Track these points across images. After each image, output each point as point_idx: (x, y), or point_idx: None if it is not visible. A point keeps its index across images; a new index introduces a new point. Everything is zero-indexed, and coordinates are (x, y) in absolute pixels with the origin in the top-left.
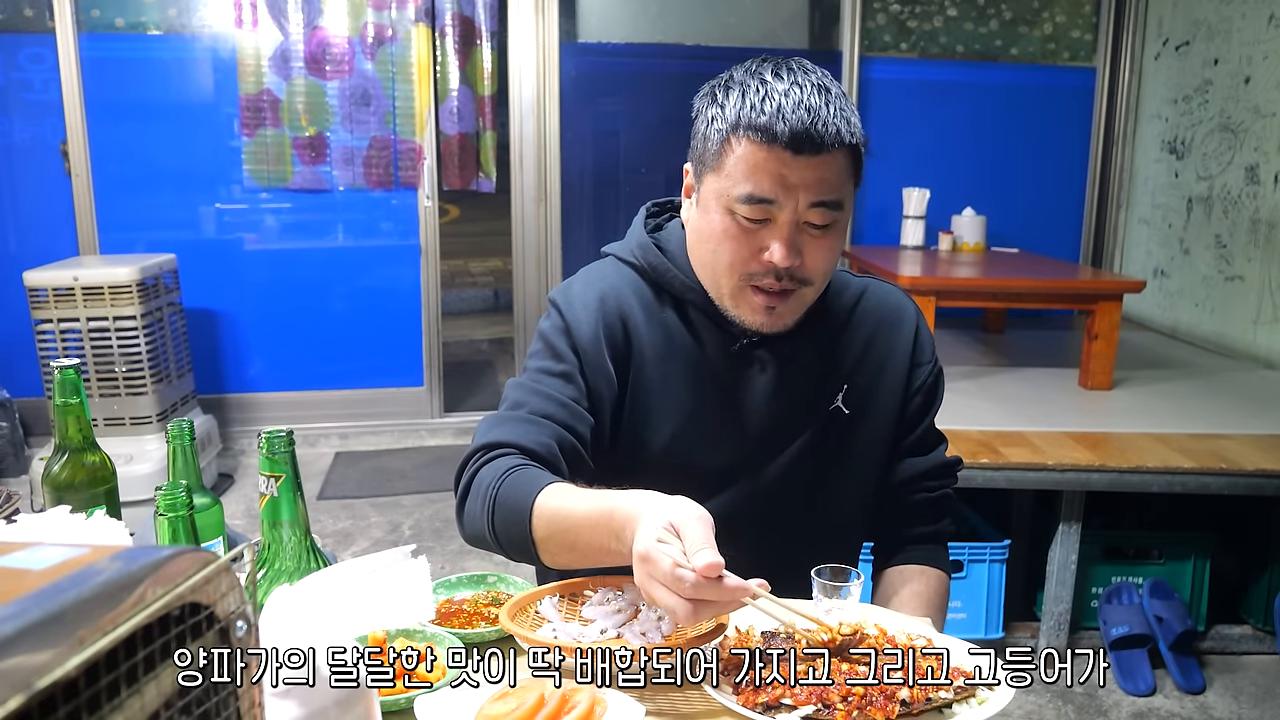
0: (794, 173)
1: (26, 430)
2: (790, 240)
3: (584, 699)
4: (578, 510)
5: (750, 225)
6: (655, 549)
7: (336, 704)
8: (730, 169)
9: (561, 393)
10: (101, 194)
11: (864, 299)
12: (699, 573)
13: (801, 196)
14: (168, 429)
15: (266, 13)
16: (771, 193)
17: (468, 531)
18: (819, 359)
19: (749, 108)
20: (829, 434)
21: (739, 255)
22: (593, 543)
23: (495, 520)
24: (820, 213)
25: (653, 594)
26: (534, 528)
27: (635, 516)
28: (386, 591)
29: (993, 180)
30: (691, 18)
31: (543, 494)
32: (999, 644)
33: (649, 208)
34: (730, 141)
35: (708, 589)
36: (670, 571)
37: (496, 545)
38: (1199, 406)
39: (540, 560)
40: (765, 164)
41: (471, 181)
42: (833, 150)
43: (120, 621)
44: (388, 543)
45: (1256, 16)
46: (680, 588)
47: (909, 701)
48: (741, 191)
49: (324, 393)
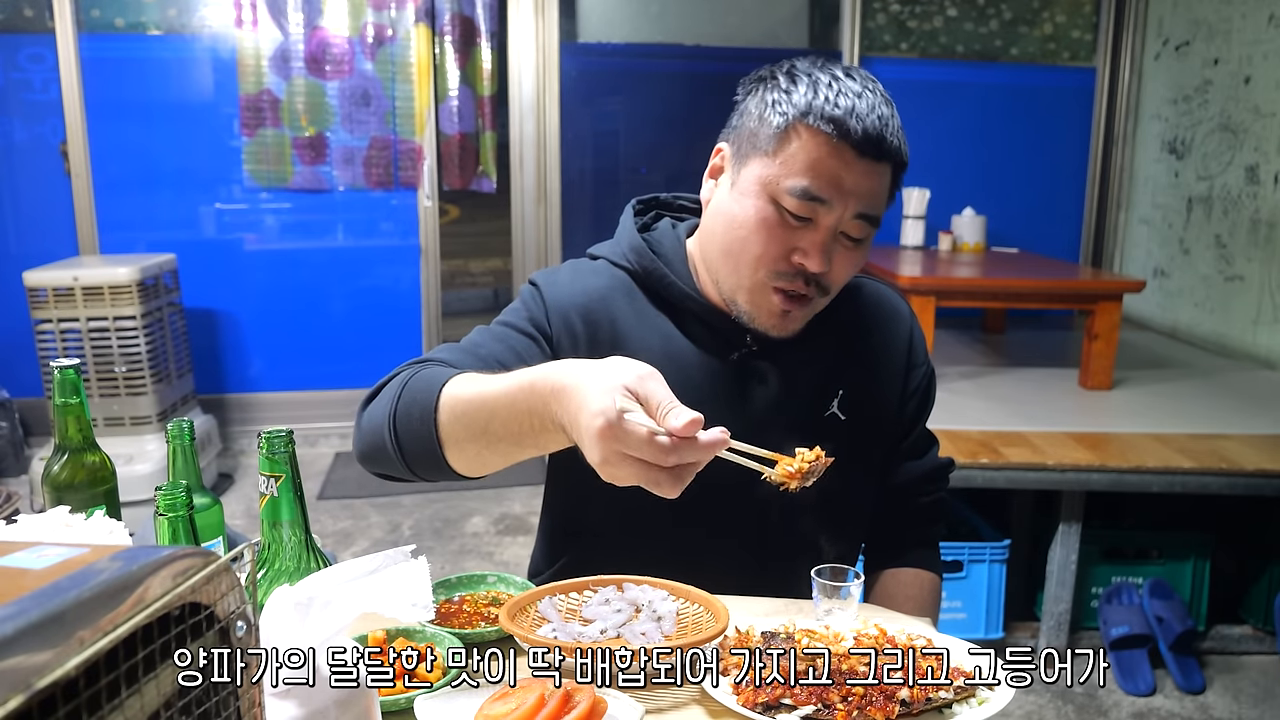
0: (851, 176)
1: (26, 430)
2: (826, 247)
3: (584, 699)
4: (491, 389)
5: (793, 222)
6: (624, 422)
7: (336, 704)
8: (788, 156)
9: (522, 347)
10: (101, 194)
11: (859, 299)
12: (680, 433)
13: (851, 204)
14: (168, 429)
15: (266, 13)
16: (827, 193)
17: (364, 437)
18: (816, 366)
19: (822, 99)
20: (826, 441)
21: (770, 250)
22: (509, 422)
23: (398, 414)
24: (860, 225)
25: (620, 472)
26: (440, 414)
27: (569, 387)
28: (386, 592)
29: (993, 180)
30: (691, 18)
31: (453, 380)
32: (999, 644)
33: (635, 205)
34: (796, 128)
35: (689, 450)
36: (648, 441)
37: (395, 448)
38: (1199, 406)
39: (446, 462)
40: (828, 160)
41: (471, 181)
42: (887, 162)
43: (120, 621)
44: (388, 543)
45: (1256, 16)
46: (660, 456)
47: (909, 701)
48: (796, 185)
49: (324, 393)
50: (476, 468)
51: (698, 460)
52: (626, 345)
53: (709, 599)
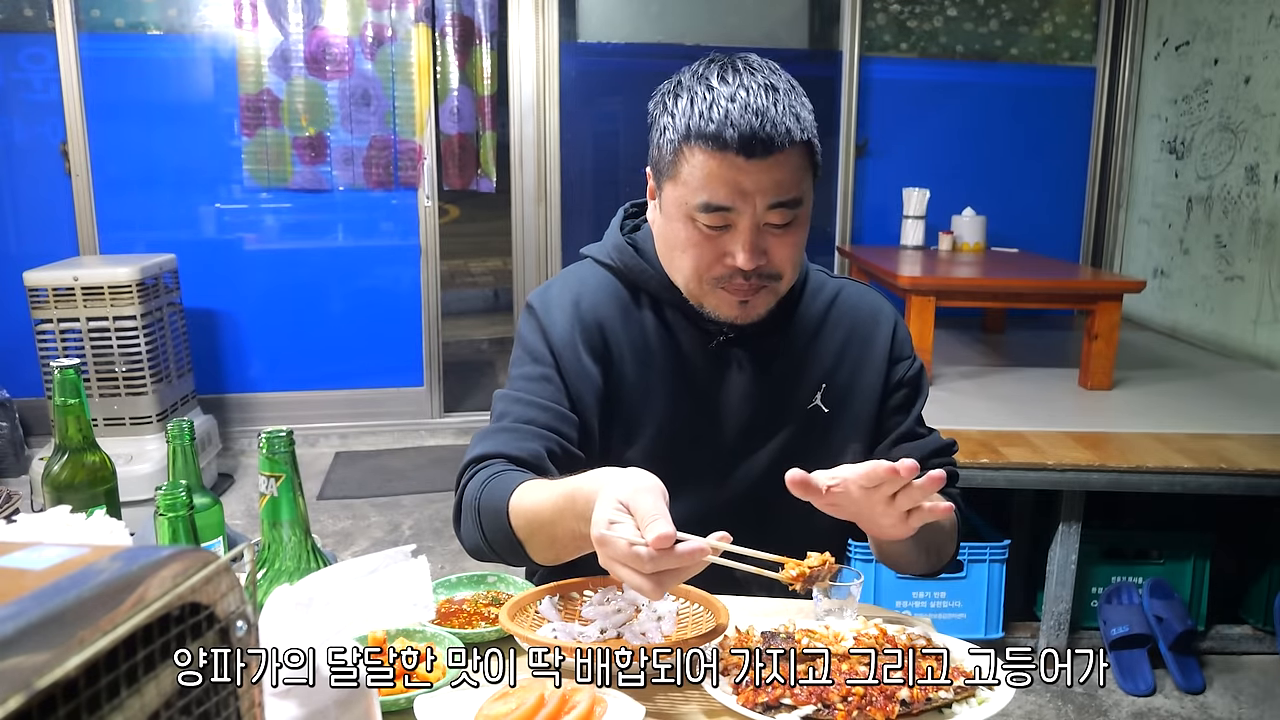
0: (749, 178)
1: (26, 430)
2: (752, 244)
3: (584, 699)
4: (546, 503)
5: (711, 232)
6: (608, 532)
7: (336, 704)
8: (686, 178)
9: (542, 396)
10: (101, 194)
11: (840, 299)
12: (653, 545)
13: (759, 200)
14: (168, 429)
15: (266, 13)
16: (729, 200)
17: (468, 547)
18: (796, 357)
19: (698, 116)
20: (810, 432)
21: (703, 261)
22: (566, 531)
23: (485, 531)
24: (780, 213)
25: (617, 574)
26: (515, 530)
27: (593, 496)
28: (386, 591)
29: (993, 180)
30: (691, 18)
31: (515, 494)
32: (999, 644)
33: (627, 208)
34: (683, 151)
35: (666, 560)
36: (627, 551)
37: (494, 555)
38: (1199, 406)
39: (535, 561)
40: (719, 172)
41: (471, 181)
42: (785, 149)
43: (120, 621)
44: (388, 543)
45: (1256, 16)
46: (640, 565)
47: (909, 701)
48: (699, 201)
49: (324, 393)
50: (560, 558)
51: (678, 568)
52: (614, 344)
53: (709, 599)
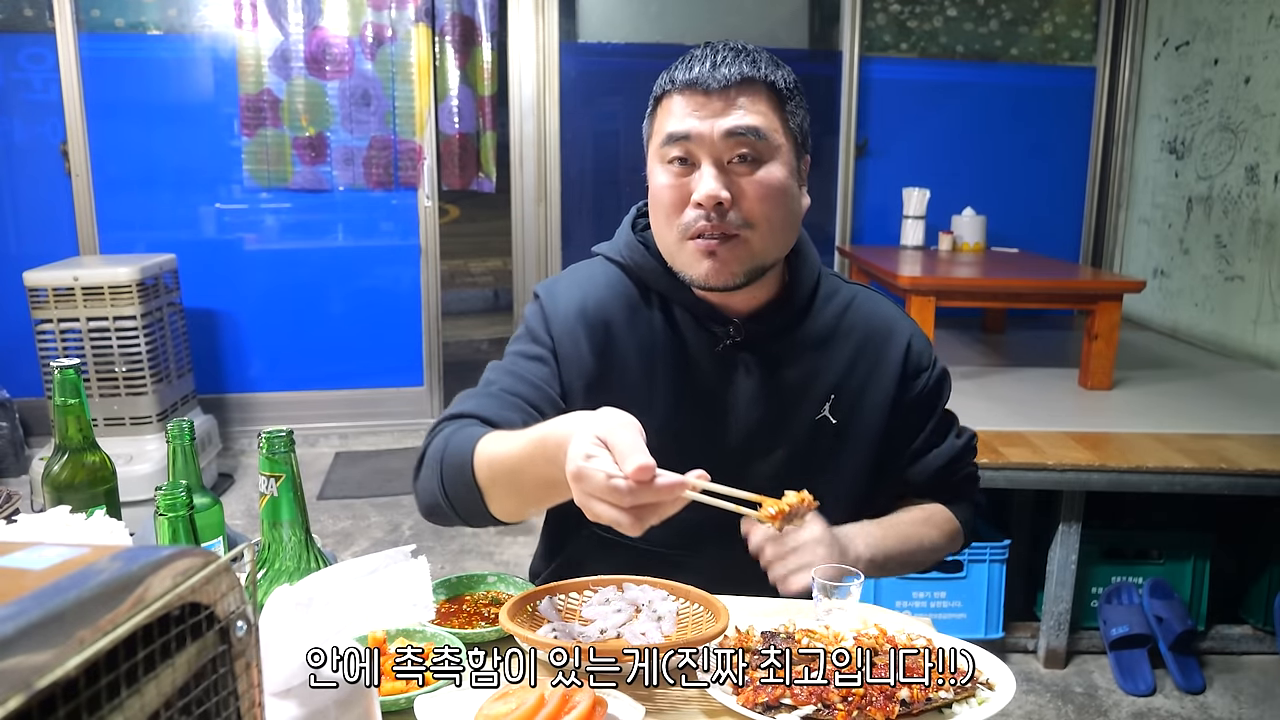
0: (705, 109)
1: (26, 430)
2: (713, 174)
3: (584, 699)
4: (513, 448)
5: (679, 169)
6: (585, 466)
7: (336, 704)
8: (658, 125)
9: (533, 374)
10: (101, 194)
11: (853, 307)
12: (631, 478)
13: (716, 126)
14: (168, 429)
15: (266, 13)
16: (685, 129)
17: (423, 502)
18: (806, 365)
19: (668, 74)
20: (817, 442)
21: (674, 203)
22: (534, 476)
23: (444, 479)
24: (739, 141)
25: (594, 510)
26: (477, 476)
27: (566, 437)
28: (386, 591)
29: (993, 180)
30: (691, 18)
31: (481, 442)
32: (999, 644)
33: (639, 208)
34: (657, 107)
35: (645, 493)
36: (605, 484)
37: (450, 509)
38: (1199, 406)
39: (491, 513)
40: (678, 108)
41: (471, 181)
42: (742, 85)
43: (120, 622)
44: (388, 543)
45: (1256, 16)
46: (618, 498)
47: (909, 701)
48: (663, 136)
49: (324, 393)
50: (519, 513)
51: (657, 502)
52: (619, 342)
53: (709, 599)
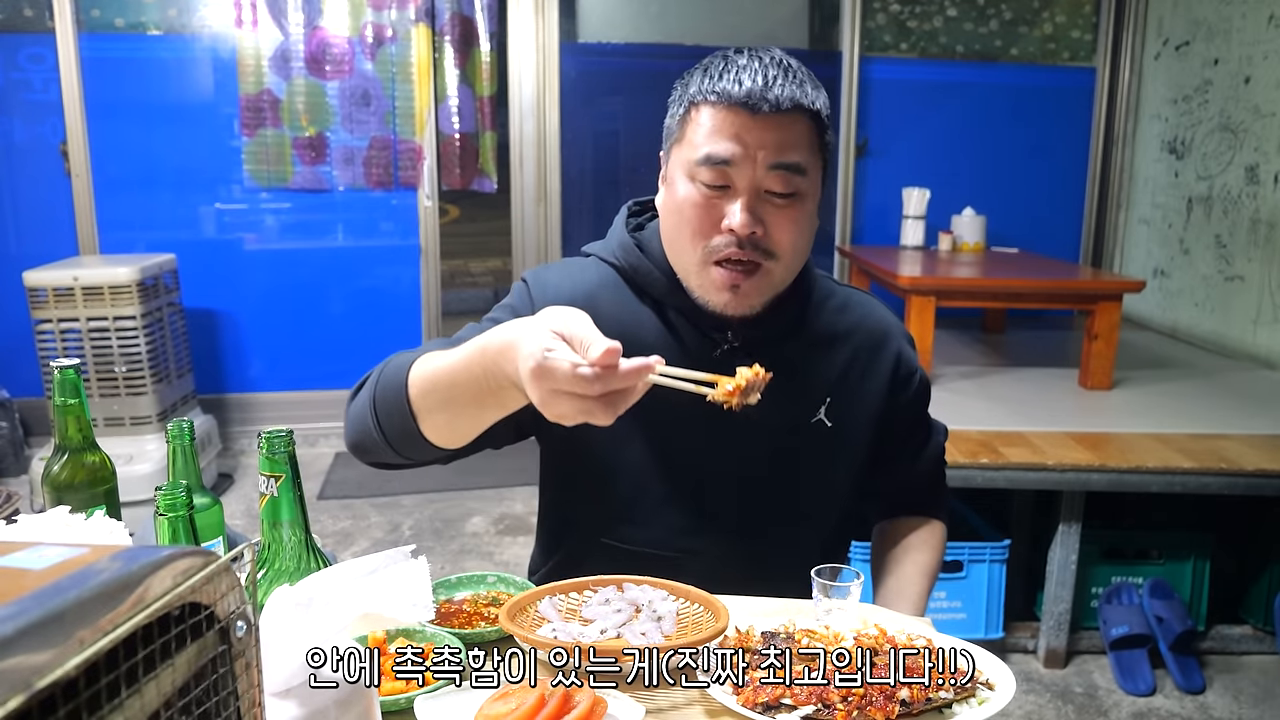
0: (751, 134)
1: (26, 430)
2: (750, 206)
3: (584, 699)
4: (452, 359)
5: (711, 193)
6: (548, 359)
7: (336, 704)
8: (691, 136)
9: None
10: (101, 194)
11: (848, 310)
12: (599, 362)
13: (760, 157)
14: (168, 429)
15: (266, 13)
16: (728, 153)
17: (352, 425)
18: (803, 369)
19: (709, 78)
20: (811, 447)
21: (701, 225)
22: (470, 389)
23: (377, 398)
24: (780, 177)
25: (559, 409)
26: (410, 393)
27: (510, 343)
28: (386, 592)
29: (993, 180)
30: (691, 18)
31: (420, 359)
32: (999, 644)
33: (630, 206)
34: (691, 111)
35: (612, 379)
36: (570, 373)
37: (377, 428)
38: (1199, 406)
39: (422, 435)
40: (723, 126)
41: (471, 181)
42: (790, 112)
43: (120, 621)
44: (388, 543)
45: (1256, 16)
46: (586, 387)
47: (909, 701)
48: (700, 154)
49: (324, 393)
50: (449, 436)
51: (625, 387)
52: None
53: (709, 599)
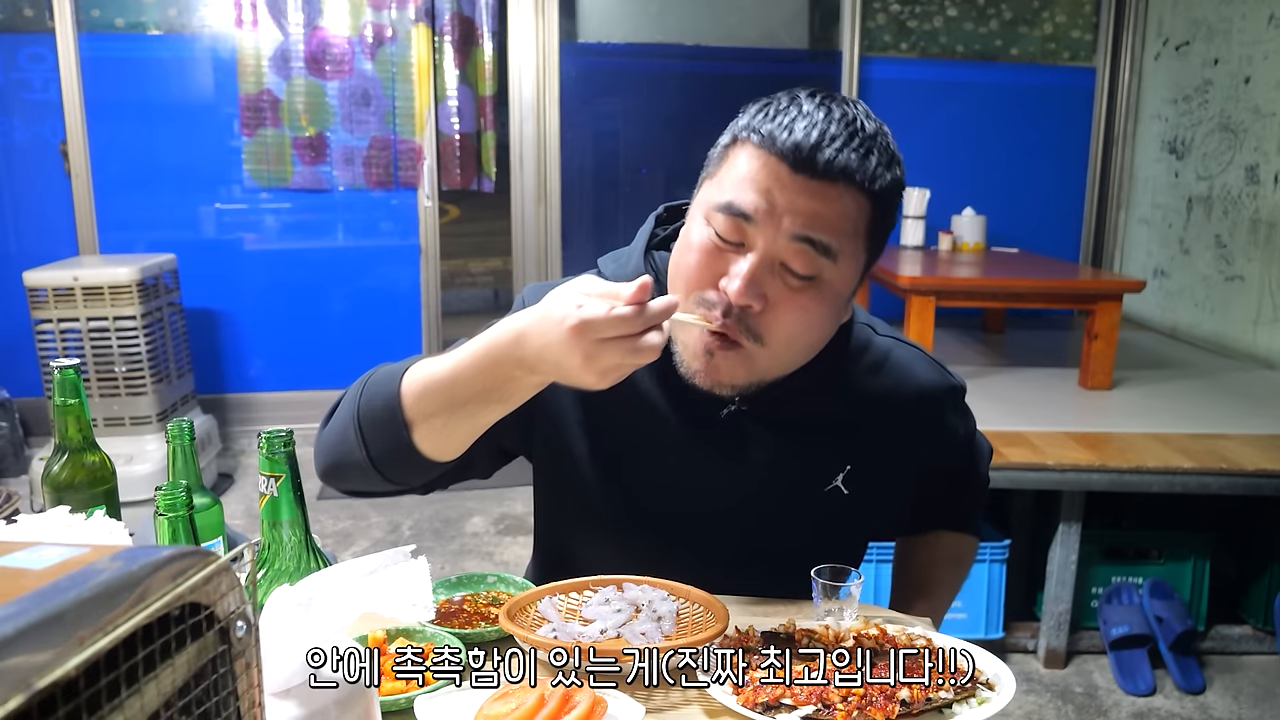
0: (783, 193)
1: (26, 430)
2: (755, 275)
3: (584, 699)
4: (449, 361)
5: (722, 244)
6: (586, 309)
7: (336, 704)
8: (723, 175)
9: None
10: (101, 194)
11: (883, 372)
12: (633, 299)
13: (785, 222)
14: (167, 429)
15: (266, 13)
16: (750, 207)
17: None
18: (822, 435)
19: (763, 116)
20: (824, 513)
21: (699, 275)
22: (475, 383)
23: (361, 409)
24: (803, 253)
25: (605, 361)
26: (404, 400)
27: (527, 327)
28: (386, 591)
29: (993, 180)
30: (691, 18)
31: (415, 364)
32: (999, 644)
33: (659, 214)
34: (733, 146)
35: (651, 315)
36: (611, 317)
37: (360, 443)
38: (1199, 406)
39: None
40: (756, 174)
41: (471, 181)
42: (837, 183)
43: (120, 621)
44: (388, 543)
45: (1256, 16)
46: (630, 326)
47: (909, 701)
48: (723, 199)
49: (324, 393)
50: (443, 442)
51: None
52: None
53: (709, 599)
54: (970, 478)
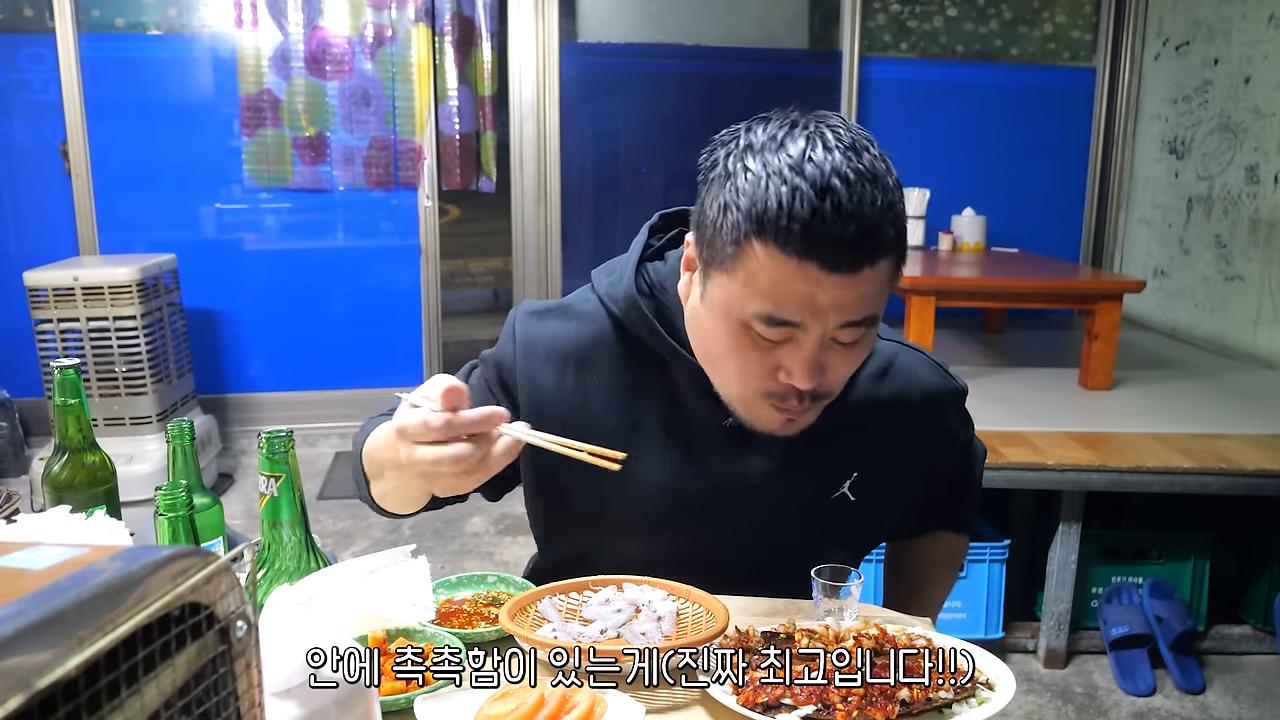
0: (827, 293)
1: (26, 430)
2: (813, 362)
3: (584, 699)
4: (381, 434)
5: (767, 345)
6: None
7: (336, 704)
8: (748, 278)
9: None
10: (101, 194)
11: (888, 379)
12: (442, 401)
13: (832, 318)
14: (168, 429)
15: (266, 13)
16: (798, 315)
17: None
18: (829, 444)
19: (774, 204)
20: (831, 518)
21: (751, 371)
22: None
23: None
24: (851, 331)
25: (421, 462)
26: (365, 460)
27: None
28: (386, 591)
29: (993, 180)
30: (691, 18)
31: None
32: (999, 644)
33: (654, 223)
34: (749, 245)
35: (459, 424)
36: (420, 424)
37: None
38: (1199, 406)
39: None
40: (792, 283)
41: (471, 181)
42: (876, 262)
43: (120, 621)
44: (388, 543)
45: (1256, 16)
46: (441, 432)
47: (909, 701)
48: (760, 310)
49: (324, 393)
50: (399, 502)
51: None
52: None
53: (709, 599)
54: (969, 479)
